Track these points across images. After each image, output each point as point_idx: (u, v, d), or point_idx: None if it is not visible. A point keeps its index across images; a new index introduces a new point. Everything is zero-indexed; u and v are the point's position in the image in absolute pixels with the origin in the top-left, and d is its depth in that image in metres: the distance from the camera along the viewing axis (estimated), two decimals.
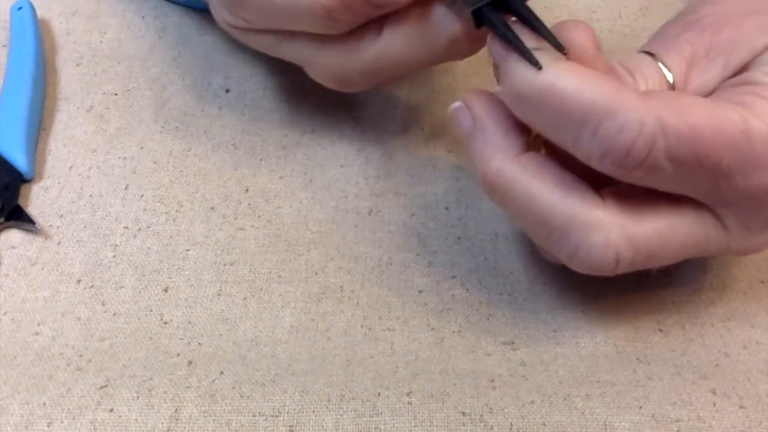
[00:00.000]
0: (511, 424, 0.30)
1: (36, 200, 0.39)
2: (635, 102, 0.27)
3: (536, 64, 0.28)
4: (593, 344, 0.34)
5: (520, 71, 0.29)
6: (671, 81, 0.31)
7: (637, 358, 0.33)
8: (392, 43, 0.35)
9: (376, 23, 0.35)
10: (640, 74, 0.31)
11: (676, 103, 0.28)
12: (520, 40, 0.29)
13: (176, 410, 0.30)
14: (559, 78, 0.28)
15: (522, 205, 0.30)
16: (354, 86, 0.38)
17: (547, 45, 0.29)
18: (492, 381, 0.31)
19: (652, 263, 0.31)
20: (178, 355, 0.33)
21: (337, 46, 0.36)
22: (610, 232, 0.29)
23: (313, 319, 0.35)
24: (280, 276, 0.36)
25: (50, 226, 0.38)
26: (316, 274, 0.37)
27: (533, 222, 0.31)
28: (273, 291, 0.36)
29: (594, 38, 0.30)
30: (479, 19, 0.31)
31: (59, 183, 0.40)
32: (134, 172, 0.41)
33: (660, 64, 0.31)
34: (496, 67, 0.31)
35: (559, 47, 0.29)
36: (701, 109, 0.28)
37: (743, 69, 0.31)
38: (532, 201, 0.30)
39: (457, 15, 0.32)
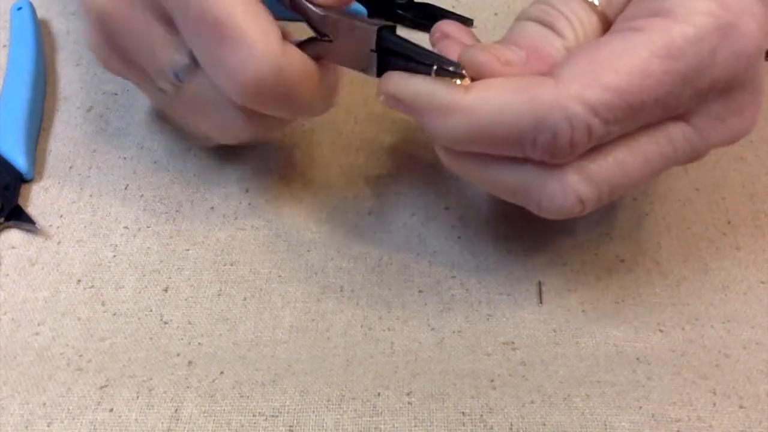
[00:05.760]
0: (511, 424, 0.30)
1: (36, 200, 0.39)
2: (554, 97, 0.27)
3: (457, 74, 0.28)
4: (593, 344, 0.34)
5: (434, 116, 0.29)
6: (596, 3, 0.30)
7: (637, 358, 0.33)
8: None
9: None
10: (564, 20, 0.30)
11: (592, 68, 0.27)
12: (429, 57, 0.29)
13: (176, 410, 0.30)
14: (479, 107, 0.28)
15: (479, 169, 0.31)
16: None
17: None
18: (492, 381, 0.31)
19: (620, 192, 0.30)
20: (178, 355, 0.33)
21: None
22: (565, 176, 0.29)
23: (313, 319, 0.35)
24: (280, 276, 0.36)
25: (50, 226, 0.38)
26: (316, 274, 0.37)
27: (495, 184, 0.31)
28: (273, 291, 0.36)
29: (496, 53, 0.29)
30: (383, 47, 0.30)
31: (59, 183, 0.40)
32: (134, 172, 0.41)
33: None
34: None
35: (460, 75, 0.28)
36: (620, 60, 0.27)
37: None
38: (486, 163, 0.30)
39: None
